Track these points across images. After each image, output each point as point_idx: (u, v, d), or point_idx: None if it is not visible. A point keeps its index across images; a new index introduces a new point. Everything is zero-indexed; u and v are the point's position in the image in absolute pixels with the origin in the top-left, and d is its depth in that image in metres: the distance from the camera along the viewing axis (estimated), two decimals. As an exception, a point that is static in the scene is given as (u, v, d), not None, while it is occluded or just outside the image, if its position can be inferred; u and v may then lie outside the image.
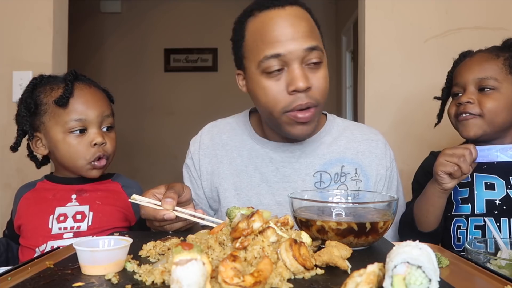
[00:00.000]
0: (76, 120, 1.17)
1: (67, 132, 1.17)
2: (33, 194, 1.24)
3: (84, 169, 1.20)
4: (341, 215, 0.80)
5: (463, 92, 1.21)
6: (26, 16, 1.95)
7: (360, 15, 2.05)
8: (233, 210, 0.79)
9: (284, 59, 1.01)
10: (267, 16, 1.04)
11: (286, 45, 1.00)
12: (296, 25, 1.02)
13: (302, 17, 1.05)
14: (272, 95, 1.04)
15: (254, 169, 1.17)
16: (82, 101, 1.18)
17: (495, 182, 1.20)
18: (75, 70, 1.24)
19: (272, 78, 1.03)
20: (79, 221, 1.16)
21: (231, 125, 1.25)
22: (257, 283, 0.53)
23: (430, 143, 1.82)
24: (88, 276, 0.62)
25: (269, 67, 1.02)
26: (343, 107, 3.86)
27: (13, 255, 1.23)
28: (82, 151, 1.17)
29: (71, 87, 1.18)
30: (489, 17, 1.89)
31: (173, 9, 4.31)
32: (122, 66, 4.32)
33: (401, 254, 0.52)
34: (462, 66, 1.25)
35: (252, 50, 1.06)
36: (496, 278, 0.64)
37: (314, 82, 1.03)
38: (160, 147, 4.20)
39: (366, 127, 1.27)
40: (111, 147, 1.23)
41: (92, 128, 1.19)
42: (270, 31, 1.02)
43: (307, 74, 1.02)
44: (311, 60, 1.03)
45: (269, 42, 1.02)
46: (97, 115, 1.19)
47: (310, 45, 1.02)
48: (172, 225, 0.96)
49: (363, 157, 1.17)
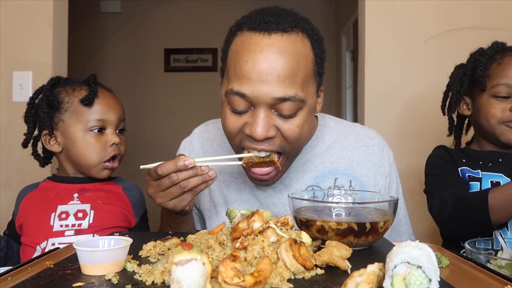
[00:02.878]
0: (98, 119, 1.23)
1: (87, 130, 1.22)
2: (36, 194, 1.26)
3: (96, 168, 1.24)
4: (341, 215, 0.80)
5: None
6: (26, 16, 1.95)
7: (360, 15, 2.05)
8: (233, 210, 0.79)
9: (249, 100, 0.89)
10: (248, 41, 0.90)
11: (254, 87, 0.87)
12: (273, 64, 0.86)
13: (287, 52, 0.88)
14: (233, 132, 0.95)
15: (243, 183, 1.11)
16: (105, 103, 1.25)
17: (500, 180, 1.20)
18: (95, 74, 1.31)
19: (234, 113, 0.93)
20: (81, 219, 1.18)
21: (221, 130, 1.12)
22: (257, 283, 0.53)
23: (430, 142, 1.82)
24: (88, 276, 0.62)
25: (233, 103, 0.91)
26: (343, 107, 3.86)
27: (13, 252, 1.24)
28: (99, 149, 1.23)
29: (96, 89, 1.24)
30: (489, 17, 1.89)
31: (173, 9, 4.30)
32: (122, 66, 4.31)
33: (401, 254, 0.52)
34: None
35: (227, 72, 0.95)
36: (496, 278, 0.64)
37: (283, 130, 0.92)
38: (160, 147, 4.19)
39: (362, 129, 1.18)
40: (123, 148, 1.29)
41: (110, 129, 1.25)
42: (242, 62, 0.89)
43: (274, 122, 0.91)
44: (281, 111, 0.90)
45: (238, 76, 0.89)
46: (116, 118, 1.26)
47: (282, 95, 0.87)
48: (189, 181, 0.87)
49: (358, 167, 1.09)
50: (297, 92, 0.89)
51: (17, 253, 1.24)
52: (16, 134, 1.31)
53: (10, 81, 1.94)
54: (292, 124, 0.92)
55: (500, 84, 1.21)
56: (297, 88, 0.89)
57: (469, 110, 1.31)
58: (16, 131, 1.29)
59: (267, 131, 0.90)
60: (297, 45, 0.90)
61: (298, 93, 0.89)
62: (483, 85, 1.23)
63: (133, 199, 1.29)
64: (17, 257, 1.23)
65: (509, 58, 1.22)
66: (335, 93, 4.18)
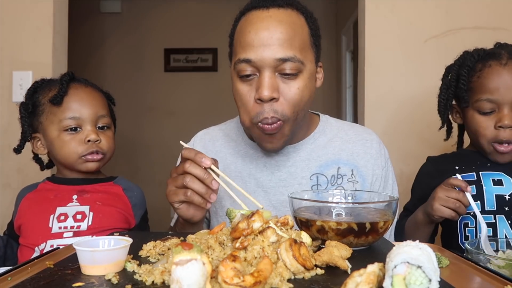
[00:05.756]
0: (70, 118, 1.20)
1: (62, 130, 1.21)
2: (35, 195, 1.25)
3: (77, 163, 1.22)
4: (341, 215, 0.80)
5: (497, 110, 1.15)
6: (26, 16, 1.95)
7: (360, 15, 2.05)
8: (233, 210, 0.79)
9: (255, 65, 0.99)
10: (249, 17, 1.02)
11: (258, 51, 0.98)
12: (272, 30, 0.98)
13: (284, 21, 0.99)
14: (244, 100, 1.02)
15: (248, 175, 1.15)
16: (76, 100, 1.22)
17: (502, 178, 1.19)
18: (72, 72, 1.27)
19: (245, 82, 1.02)
20: (79, 221, 1.17)
21: (224, 131, 1.24)
22: (257, 283, 0.53)
23: (430, 142, 1.82)
24: (88, 276, 0.62)
25: (240, 70, 1.00)
26: (343, 107, 3.86)
27: (13, 252, 1.24)
28: (74, 146, 1.20)
29: (66, 86, 1.21)
30: (489, 17, 1.89)
31: (173, 9, 4.30)
32: (122, 66, 4.31)
33: (401, 254, 0.52)
34: (497, 79, 1.15)
35: (234, 50, 1.06)
36: (496, 278, 0.64)
37: (285, 93, 1.00)
38: (160, 147, 4.19)
39: (360, 127, 1.25)
40: (106, 144, 1.25)
41: (87, 126, 1.22)
42: (245, 33, 1.00)
43: (278, 84, 0.99)
44: (283, 71, 0.99)
45: (243, 46, 1.00)
46: (91, 114, 1.22)
47: (283, 56, 0.97)
48: (193, 180, 0.89)
49: (358, 158, 1.15)
50: (296, 54, 0.99)
51: (17, 253, 1.23)
52: (16, 134, 1.31)
53: (10, 81, 1.94)
54: (293, 87, 1.00)
55: (482, 100, 1.16)
56: (295, 50, 0.99)
57: (461, 119, 1.29)
58: (16, 131, 1.29)
59: (272, 91, 0.98)
60: (293, 17, 1.02)
61: (297, 54, 0.99)
62: (466, 101, 1.20)
63: (133, 200, 1.28)
64: (16, 257, 1.23)
65: (488, 70, 1.17)
66: (335, 93, 4.17)
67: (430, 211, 1.12)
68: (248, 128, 1.06)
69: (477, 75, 1.19)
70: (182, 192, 0.91)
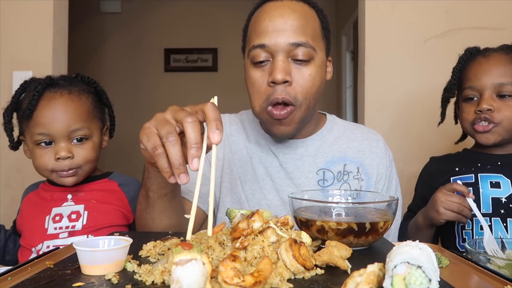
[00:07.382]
0: (40, 134, 1.12)
1: (34, 143, 1.15)
2: (34, 195, 1.25)
3: (52, 177, 1.18)
4: (341, 215, 0.80)
5: (479, 97, 1.20)
6: (26, 16, 1.95)
7: (360, 15, 2.05)
8: (233, 210, 0.79)
9: (269, 50, 1.02)
10: (264, 7, 1.07)
11: (272, 36, 1.01)
12: (286, 17, 1.02)
13: (297, 10, 1.04)
14: (257, 85, 1.04)
15: (258, 162, 1.17)
16: (46, 114, 1.12)
17: (500, 180, 1.19)
18: (50, 76, 1.19)
19: (258, 68, 1.05)
20: (74, 221, 1.17)
21: (239, 118, 1.27)
22: (257, 283, 0.53)
23: (430, 143, 1.82)
24: (88, 276, 0.62)
25: (255, 56, 1.04)
26: (343, 107, 3.86)
27: (15, 246, 1.25)
28: (45, 162, 1.14)
29: (36, 99, 1.12)
30: (489, 17, 1.89)
31: (173, 9, 4.30)
32: (122, 66, 4.31)
33: (401, 254, 0.52)
34: (477, 68, 1.21)
35: (248, 40, 1.09)
36: (496, 278, 0.64)
37: (297, 78, 1.02)
38: (160, 147, 4.19)
39: (366, 128, 1.28)
40: (81, 158, 1.16)
41: (59, 141, 1.13)
42: (260, 21, 1.04)
43: (291, 69, 1.02)
44: (296, 56, 1.02)
45: (258, 33, 1.04)
46: (63, 129, 1.12)
47: (296, 41, 1.01)
48: (175, 142, 0.69)
49: (364, 156, 1.18)
50: (308, 40, 1.02)
51: (18, 248, 1.23)
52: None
53: (10, 81, 1.94)
54: (305, 73, 1.03)
55: (465, 88, 1.23)
56: (307, 37, 1.03)
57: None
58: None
59: (285, 74, 1.00)
60: (305, 8, 1.07)
61: (309, 41, 1.02)
62: (456, 95, 1.28)
63: (130, 194, 1.25)
64: (17, 251, 1.22)
65: (471, 64, 1.24)
66: (335, 93, 4.17)
67: (434, 215, 1.13)
68: (258, 114, 1.08)
69: (464, 69, 1.26)
70: (154, 141, 0.71)
